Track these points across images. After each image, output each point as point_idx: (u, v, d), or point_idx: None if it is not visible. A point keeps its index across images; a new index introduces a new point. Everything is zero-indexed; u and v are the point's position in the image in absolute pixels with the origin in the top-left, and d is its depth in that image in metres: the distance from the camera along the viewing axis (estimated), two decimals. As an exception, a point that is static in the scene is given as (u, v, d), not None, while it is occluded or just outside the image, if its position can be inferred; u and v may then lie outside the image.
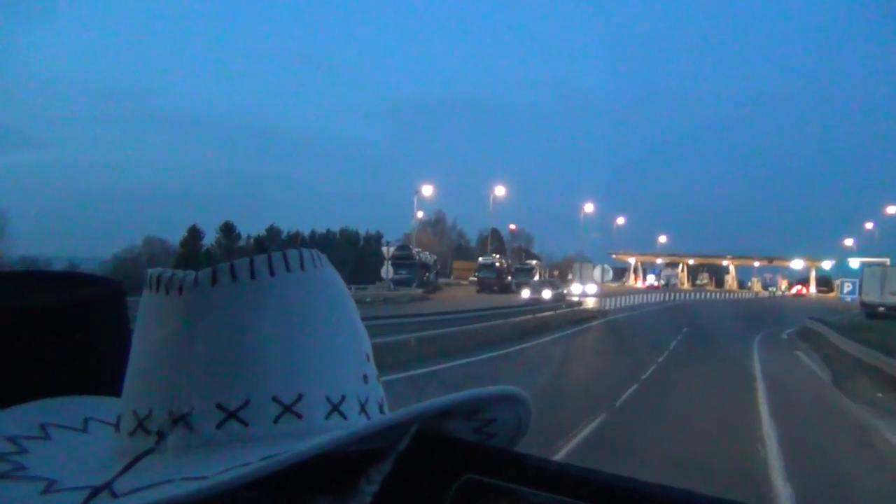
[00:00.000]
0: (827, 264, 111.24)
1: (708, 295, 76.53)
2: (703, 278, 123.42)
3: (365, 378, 0.64)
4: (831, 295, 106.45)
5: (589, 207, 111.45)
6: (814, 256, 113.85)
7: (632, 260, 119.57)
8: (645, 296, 55.90)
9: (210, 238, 70.92)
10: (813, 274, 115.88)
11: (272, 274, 0.61)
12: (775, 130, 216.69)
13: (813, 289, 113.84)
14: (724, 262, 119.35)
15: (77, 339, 0.81)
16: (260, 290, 0.60)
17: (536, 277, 63.89)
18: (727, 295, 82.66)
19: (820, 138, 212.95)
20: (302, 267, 0.63)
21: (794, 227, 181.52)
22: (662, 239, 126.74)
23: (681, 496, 0.58)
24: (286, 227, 71.45)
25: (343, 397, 0.61)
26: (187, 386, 0.58)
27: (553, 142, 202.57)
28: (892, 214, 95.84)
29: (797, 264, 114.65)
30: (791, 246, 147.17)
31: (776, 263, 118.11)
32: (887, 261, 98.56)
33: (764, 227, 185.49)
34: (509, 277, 62.27)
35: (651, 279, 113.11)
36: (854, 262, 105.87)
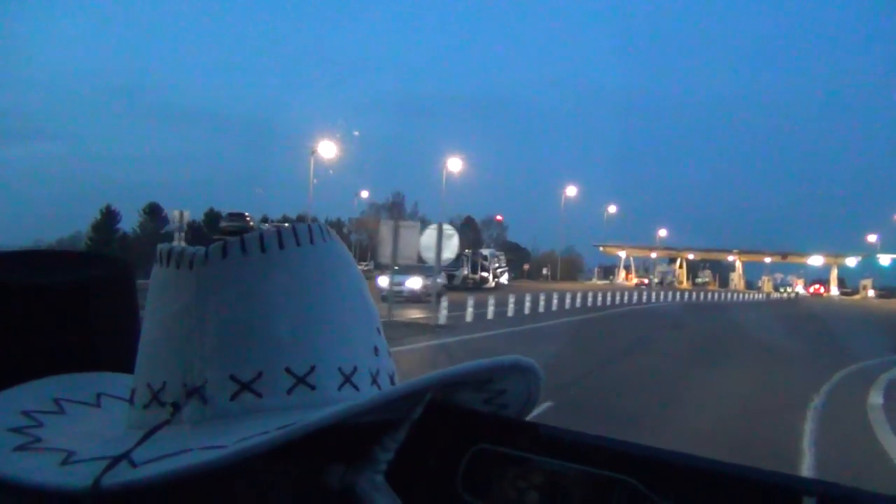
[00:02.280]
0: (851, 261, 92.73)
1: (707, 296, 58.38)
2: (705, 276, 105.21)
3: (376, 350, 0.64)
4: (856, 297, 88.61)
5: (572, 192, 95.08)
6: (835, 252, 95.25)
7: (622, 254, 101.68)
8: (617, 295, 40.07)
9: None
10: (835, 272, 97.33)
11: (282, 247, 0.61)
12: (791, 116, 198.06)
13: (834, 289, 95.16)
14: (730, 258, 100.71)
15: (86, 317, 0.81)
16: (270, 262, 0.60)
17: (465, 269, 46.78)
18: (731, 297, 64.37)
19: (839, 126, 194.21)
20: (311, 240, 0.62)
21: (810, 219, 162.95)
22: (662, 233, 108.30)
23: (700, 464, 0.58)
24: (258, 212, 63.84)
25: (355, 369, 0.61)
26: (200, 359, 0.58)
27: (553, 135, 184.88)
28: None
29: (816, 261, 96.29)
30: (807, 241, 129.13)
31: (791, 260, 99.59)
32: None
33: (777, 219, 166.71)
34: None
35: (645, 276, 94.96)
36: (884, 259, 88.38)
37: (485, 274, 51.96)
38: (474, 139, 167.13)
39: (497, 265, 66.42)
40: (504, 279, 64.02)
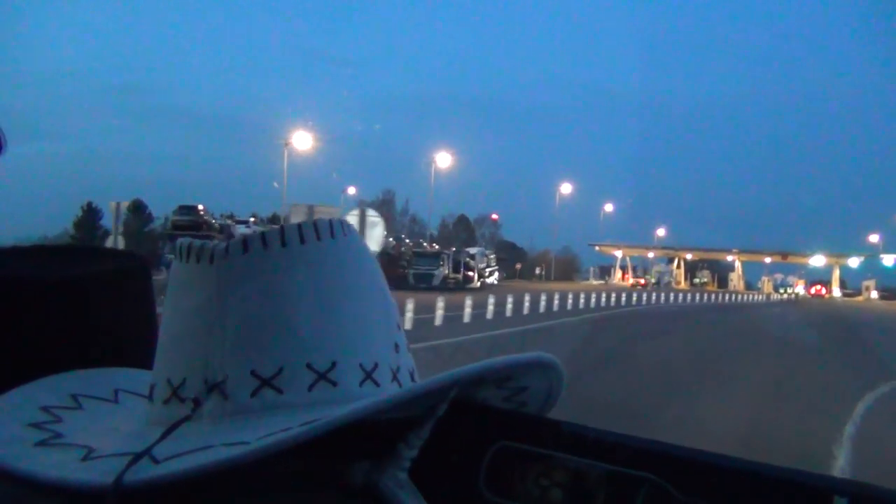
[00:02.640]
0: (854, 261, 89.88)
1: (705, 298, 55.58)
2: (703, 276, 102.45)
3: (396, 346, 0.63)
4: (859, 299, 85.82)
5: (568, 191, 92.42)
6: (837, 252, 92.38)
7: (618, 253, 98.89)
8: (608, 297, 37.30)
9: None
10: (836, 273, 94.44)
11: (302, 242, 0.60)
12: (791, 114, 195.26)
13: (836, 291, 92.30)
14: (730, 258, 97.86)
15: (102, 312, 0.81)
16: (291, 257, 0.59)
17: (443, 268, 44.05)
18: (729, 298, 61.57)
19: (841, 125, 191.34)
20: (332, 234, 0.62)
21: (811, 219, 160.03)
22: (661, 232, 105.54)
23: (727, 463, 0.57)
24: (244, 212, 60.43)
25: (376, 365, 0.60)
26: (221, 354, 0.58)
27: (553, 134, 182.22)
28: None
29: (817, 261, 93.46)
30: (808, 241, 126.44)
31: (791, 260, 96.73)
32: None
33: (777, 218, 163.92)
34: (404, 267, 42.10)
35: (641, 277, 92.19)
36: (888, 259, 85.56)
37: (470, 273, 48.97)
38: (472, 138, 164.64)
39: (486, 265, 63.69)
40: (494, 279, 61.26)
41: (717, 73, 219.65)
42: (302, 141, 46.16)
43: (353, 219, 13.43)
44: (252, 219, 45.05)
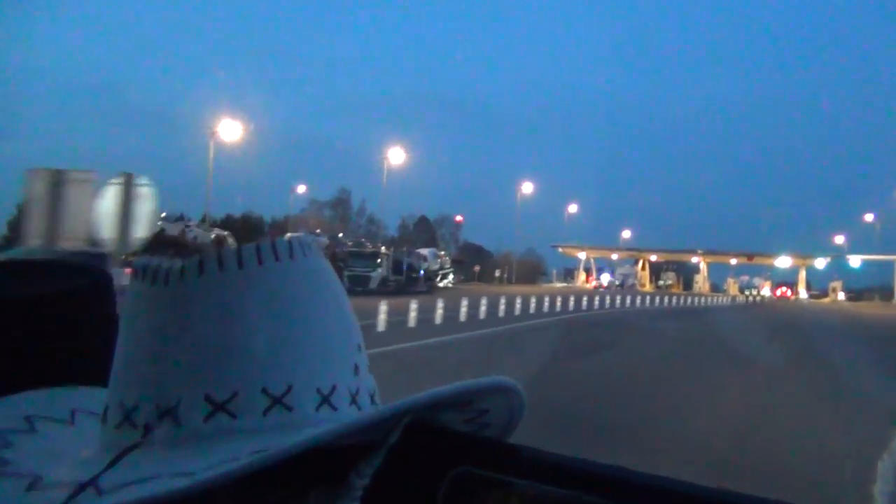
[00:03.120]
0: (820, 262, 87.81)
1: (667, 301, 52.54)
2: (668, 278, 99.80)
3: (356, 368, 0.62)
4: (825, 300, 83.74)
5: (532, 193, 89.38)
6: (803, 253, 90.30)
7: (581, 255, 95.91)
8: (564, 301, 34.26)
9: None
10: (803, 274, 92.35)
11: (260, 263, 0.59)
12: (755, 116, 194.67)
13: (803, 292, 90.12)
14: (695, 259, 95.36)
15: (64, 329, 0.80)
16: (248, 279, 0.58)
17: (381, 269, 40.35)
18: (693, 301, 58.68)
19: (806, 126, 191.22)
20: (291, 255, 0.61)
21: (776, 220, 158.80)
22: (626, 234, 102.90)
23: (680, 487, 0.56)
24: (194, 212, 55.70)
25: (333, 388, 0.59)
26: (175, 378, 0.57)
27: (520, 136, 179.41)
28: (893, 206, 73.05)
29: (783, 262, 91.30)
30: (773, 242, 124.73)
31: (757, 261, 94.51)
32: (897, 258, 75.85)
33: (742, 220, 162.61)
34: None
35: (605, 278, 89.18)
36: (854, 260, 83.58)
37: (415, 275, 45.22)
38: (437, 140, 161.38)
39: (439, 266, 60.16)
40: (448, 282, 57.73)
41: (681, 74, 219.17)
42: (230, 131, 42.06)
43: (114, 188, 9.41)
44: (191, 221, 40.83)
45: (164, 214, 34.85)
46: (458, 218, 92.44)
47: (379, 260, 41.36)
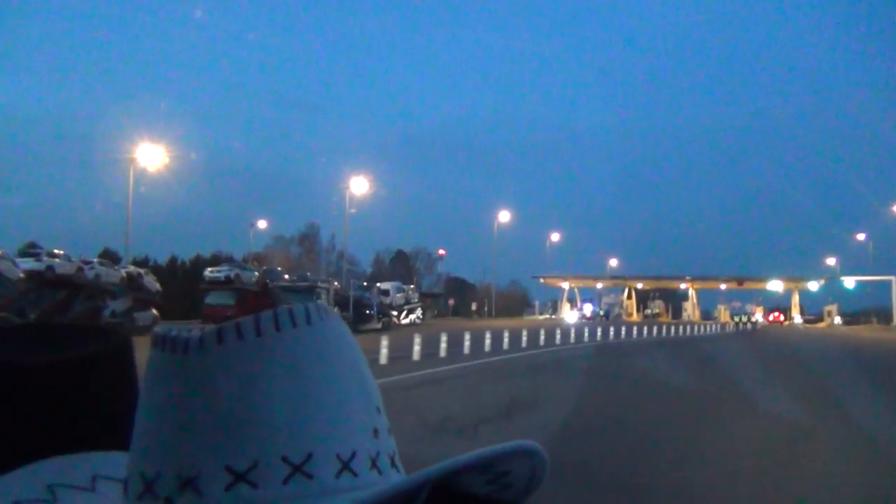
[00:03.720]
0: (813, 285, 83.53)
1: (653, 331, 47.94)
2: (656, 307, 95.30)
3: (375, 432, 0.61)
4: (822, 325, 79.28)
5: (514, 223, 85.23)
6: (795, 276, 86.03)
7: (565, 285, 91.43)
8: (534, 335, 30.16)
9: None
10: (796, 298, 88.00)
11: (278, 329, 0.59)
12: (741, 139, 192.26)
13: (797, 317, 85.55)
14: (683, 286, 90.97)
15: (84, 395, 0.81)
16: (266, 347, 0.58)
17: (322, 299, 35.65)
18: (681, 330, 54.08)
19: (792, 149, 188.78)
20: (308, 321, 0.60)
21: (766, 243, 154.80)
22: (613, 262, 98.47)
23: None
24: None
25: (353, 454, 0.59)
26: (195, 448, 0.57)
27: (504, 169, 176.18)
28: (887, 224, 69.18)
29: (775, 286, 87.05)
30: (764, 265, 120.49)
31: (748, 286, 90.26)
32: (894, 279, 71.55)
33: (731, 244, 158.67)
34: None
35: (588, 309, 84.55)
36: (849, 282, 79.34)
37: (369, 312, 40.45)
38: (418, 174, 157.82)
39: (404, 301, 55.51)
40: (415, 318, 53.03)
41: (663, 99, 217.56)
42: (150, 157, 37.65)
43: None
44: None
45: (59, 252, 30.57)
46: (441, 251, 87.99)
47: (316, 294, 36.48)
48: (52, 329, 0.85)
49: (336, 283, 42.59)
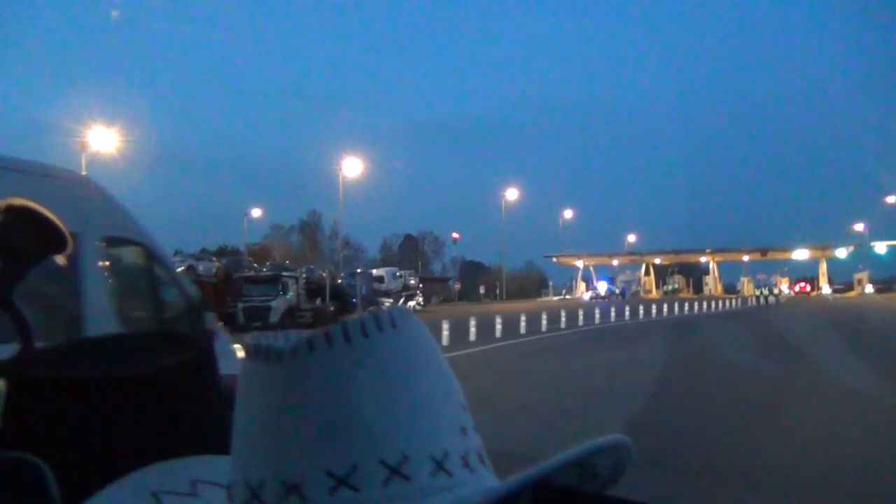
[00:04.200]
0: (842, 252, 78.88)
1: (670, 308, 44.27)
2: (675, 282, 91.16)
3: (464, 430, 0.63)
4: (852, 294, 74.80)
5: (523, 202, 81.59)
6: (822, 244, 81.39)
7: (579, 263, 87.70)
8: (537, 319, 27.24)
9: None
10: (823, 266, 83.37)
11: (366, 335, 0.61)
12: (760, 101, 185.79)
13: (826, 287, 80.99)
14: (703, 259, 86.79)
15: (175, 402, 0.84)
16: (356, 352, 0.60)
17: (288, 297, 32.48)
18: (701, 306, 50.30)
19: (812, 110, 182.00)
20: (393, 324, 0.62)
21: (790, 210, 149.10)
22: (631, 238, 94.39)
23: None
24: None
25: (445, 453, 0.60)
26: (295, 454, 0.58)
27: (517, 149, 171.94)
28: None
29: (800, 255, 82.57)
30: (788, 234, 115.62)
31: (771, 256, 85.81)
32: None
33: (752, 213, 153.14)
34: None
35: (602, 287, 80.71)
36: (880, 247, 74.64)
37: (354, 301, 37.19)
38: (428, 158, 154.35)
39: (400, 287, 52.29)
40: (414, 304, 49.76)
41: (676, 65, 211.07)
42: (102, 141, 34.66)
43: None
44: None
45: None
46: (455, 235, 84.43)
47: (282, 285, 33.19)
48: (140, 338, 0.88)
49: (323, 273, 39.24)
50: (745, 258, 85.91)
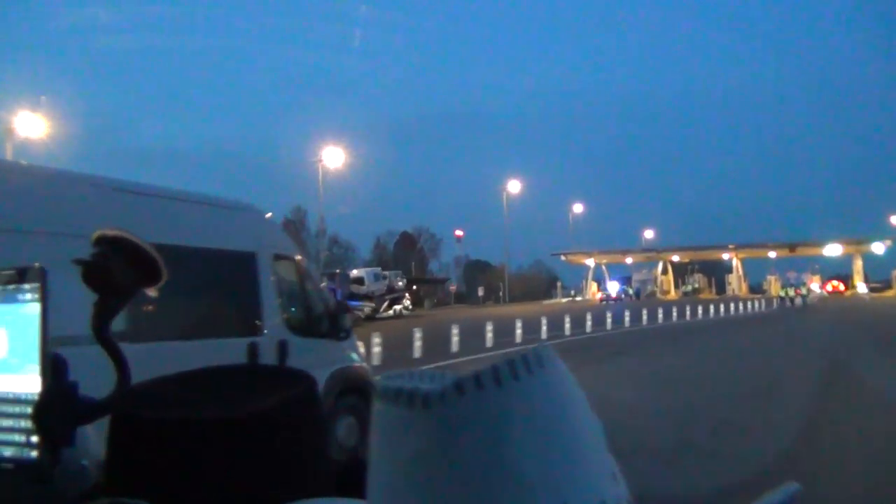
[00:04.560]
0: (878, 247, 71.99)
1: (684, 312, 38.36)
2: (696, 281, 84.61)
3: (614, 476, 0.59)
4: (890, 293, 68.04)
5: (516, 188, 75.85)
6: (856, 238, 74.52)
7: (589, 262, 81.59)
8: (523, 326, 22.75)
9: None
10: (858, 264, 76.42)
11: (516, 378, 0.56)
12: (786, 90, 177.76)
13: (861, 286, 74.04)
14: (726, 256, 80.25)
15: (281, 442, 0.81)
16: (507, 396, 0.56)
17: None
18: (717, 309, 44.22)
19: (843, 91, 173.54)
20: (541, 365, 0.58)
21: (820, 202, 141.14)
22: (649, 234, 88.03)
23: None
24: None
25: (603, 502, 0.57)
26: None
27: (526, 144, 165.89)
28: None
29: (833, 251, 75.65)
30: (820, 228, 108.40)
31: (800, 252, 78.99)
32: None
33: (780, 205, 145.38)
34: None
35: (613, 288, 74.58)
36: (921, 241, 67.81)
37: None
38: (429, 152, 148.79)
39: (385, 290, 47.00)
40: (400, 308, 44.72)
41: (696, 51, 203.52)
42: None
43: None
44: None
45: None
46: (459, 233, 78.66)
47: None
48: (241, 373, 0.86)
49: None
50: (772, 254, 79.27)
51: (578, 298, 73.85)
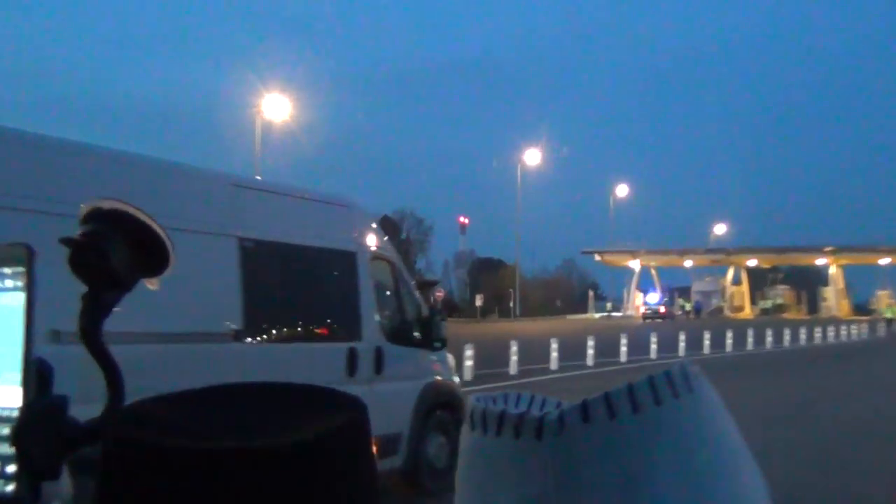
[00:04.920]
0: None
1: (777, 335, 19.57)
2: (779, 295, 64.68)
3: None
4: None
5: (534, 161, 58.40)
6: None
7: (634, 264, 62.77)
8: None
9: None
10: None
11: (658, 403, 0.48)
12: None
13: None
14: (821, 261, 60.23)
15: (319, 477, 0.71)
16: (647, 425, 0.48)
17: None
18: (820, 334, 24.77)
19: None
20: (689, 388, 0.49)
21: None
22: (720, 230, 67.63)
23: None
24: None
25: None
26: None
27: (539, 102, 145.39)
28: None
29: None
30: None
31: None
32: None
33: (891, 198, 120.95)
34: None
35: (652, 299, 55.06)
36: None
37: None
38: (435, 120, 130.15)
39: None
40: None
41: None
42: None
43: None
44: None
45: None
46: (463, 219, 60.97)
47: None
48: (276, 394, 0.73)
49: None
50: (884, 261, 59.39)
51: (617, 314, 55.19)
